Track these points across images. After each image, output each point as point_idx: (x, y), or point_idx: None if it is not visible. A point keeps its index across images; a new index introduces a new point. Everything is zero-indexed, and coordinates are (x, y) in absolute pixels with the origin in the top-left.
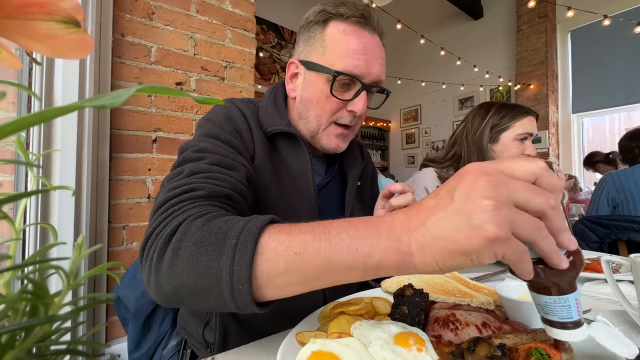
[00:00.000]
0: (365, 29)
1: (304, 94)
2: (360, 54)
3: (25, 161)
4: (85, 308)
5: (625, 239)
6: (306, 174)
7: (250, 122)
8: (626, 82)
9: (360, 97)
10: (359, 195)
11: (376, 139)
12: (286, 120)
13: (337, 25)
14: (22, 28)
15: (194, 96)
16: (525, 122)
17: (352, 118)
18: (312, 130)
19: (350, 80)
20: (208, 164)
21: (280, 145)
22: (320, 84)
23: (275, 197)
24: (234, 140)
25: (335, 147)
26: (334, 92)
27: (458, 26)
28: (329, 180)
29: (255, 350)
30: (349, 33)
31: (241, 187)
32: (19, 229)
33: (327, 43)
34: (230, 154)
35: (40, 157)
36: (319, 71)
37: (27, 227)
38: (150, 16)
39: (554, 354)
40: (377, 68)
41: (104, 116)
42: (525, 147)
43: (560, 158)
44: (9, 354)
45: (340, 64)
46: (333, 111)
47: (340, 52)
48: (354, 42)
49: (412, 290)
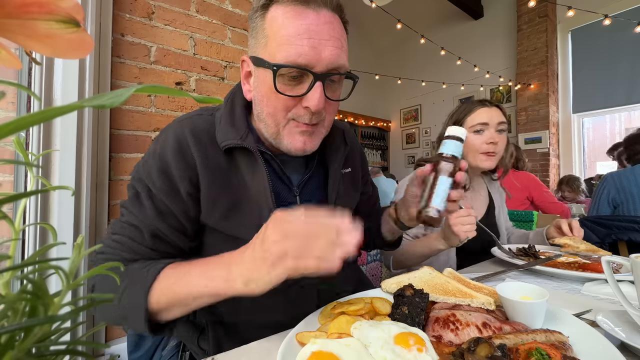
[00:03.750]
0: (309, 7)
1: (256, 94)
2: (303, 38)
3: (24, 161)
4: (84, 308)
5: (626, 239)
6: (265, 193)
7: (193, 150)
8: (627, 82)
9: (313, 91)
10: (350, 182)
11: (376, 139)
12: (242, 131)
13: (277, 9)
14: (22, 28)
15: (193, 96)
16: (476, 115)
17: (310, 115)
18: (272, 132)
19: (298, 72)
20: (134, 224)
21: (239, 160)
22: (268, 80)
23: (237, 218)
24: (163, 186)
25: (302, 147)
26: (278, 88)
27: (458, 26)
28: (309, 176)
29: (255, 350)
30: (289, 16)
31: (169, 233)
32: (19, 229)
33: (267, 32)
34: (159, 202)
35: (39, 157)
36: (263, 67)
37: (27, 227)
38: (150, 16)
39: (554, 354)
40: (329, 52)
41: (104, 116)
42: (484, 138)
43: (561, 158)
44: (9, 354)
45: (280, 54)
46: (286, 108)
47: (280, 40)
48: (295, 25)
49: (412, 290)
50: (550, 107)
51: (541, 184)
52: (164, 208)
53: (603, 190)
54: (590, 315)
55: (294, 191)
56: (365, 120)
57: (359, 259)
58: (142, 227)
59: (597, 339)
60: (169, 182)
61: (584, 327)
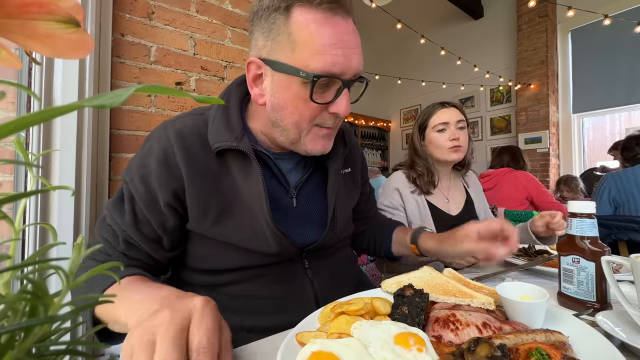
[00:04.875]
0: (337, 14)
1: (275, 101)
2: (337, 47)
3: (24, 161)
4: (85, 308)
5: (626, 239)
6: (259, 198)
7: (178, 157)
8: (627, 82)
9: (342, 97)
10: (349, 182)
11: (376, 138)
12: (238, 131)
13: (304, 13)
14: (22, 28)
15: (193, 96)
16: (437, 115)
17: (335, 120)
18: (293, 139)
19: (328, 80)
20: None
21: (231, 162)
22: (295, 87)
23: (228, 223)
24: (143, 194)
25: (321, 149)
26: (314, 98)
27: (458, 26)
28: (308, 176)
29: (255, 351)
30: (322, 23)
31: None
32: (19, 229)
33: (296, 37)
34: (139, 208)
35: (39, 157)
36: (291, 74)
37: (27, 227)
38: (150, 16)
39: (554, 354)
40: (356, 60)
41: (104, 116)
42: (447, 136)
43: (561, 158)
44: (9, 354)
45: (316, 63)
46: (314, 116)
47: (315, 49)
48: (329, 35)
49: (412, 290)
50: (550, 107)
51: (540, 184)
52: (142, 216)
53: (604, 189)
54: (589, 315)
55: (291, 192)
56: (365, 120)
57: (359, 259)
58: (119, 231)
59: (597, 339)
60: (148, 191)
61: (584, 327)
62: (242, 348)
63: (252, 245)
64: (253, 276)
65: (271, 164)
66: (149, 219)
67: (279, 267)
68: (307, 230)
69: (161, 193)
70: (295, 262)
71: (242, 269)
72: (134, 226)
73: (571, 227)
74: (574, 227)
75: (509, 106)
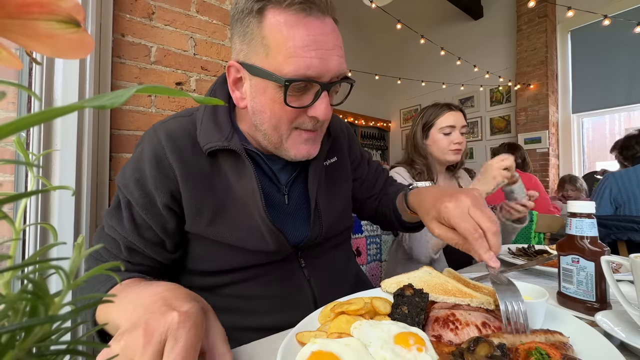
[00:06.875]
0: (311, 14)
1: (255, 105)
2: (311, 49)
3: (25, 161)
4: (85, 308)
5: (625, 239)
6: (253, 196)
7: (171, 159)
8: (626, 82)
9: (320, 101)
10: (335, 173)
11: (376, 139)
12: (227, 131)
13: (276, 15)
14: (22, 28)
15: (194, 96)
16: (445, 118)
17: (314, 123)
18: (275, 143)
19: (305, 83)
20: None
21: (222, 162)
22: (270, 92)
23: (223, 223)
24: (140, 199)
25: (306, 154)
26: (288, 102)
27: (458, 26)
28: (298, 172)
29: (255, 350)
30: (293, 25)
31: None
32: (19, 229)
33: (269, 41)
34: (137, 214)
35: (40, 157)
36: (266, 78)
37: (27, 227)
38: (150, 16)
39: (554, 354)
40: (334, 61)
41: (104, 116)
42: (451, 139)
43: (560, 158)
44: (9, 354)
45: (288, 67)
46: (291, 120)
47: (287, 52)
48: (302, 37)
49: (412, 290)
50: (549, 107)
51: (543, 190)
52: (141, 221)
53: (605, 189)
54: (590, 315)
55: (282, 190)
56: (365, 120)
57: (359, 259)
58: (119, 239)
59: (597, 339)
60: (145, 195)
61: (583, 327)
62: (242, 348)
63: (248, 244)
64: (250, 276)
65: (262, 163)
66: (149, 223)
67: (276, 266)
68: (298, 227)
69: (159, 195)
70: (291, 261)
71: (239, 270)
72: (135, 232)
73: (571, 226)
74: (574, 226)
75: (509, 106)
